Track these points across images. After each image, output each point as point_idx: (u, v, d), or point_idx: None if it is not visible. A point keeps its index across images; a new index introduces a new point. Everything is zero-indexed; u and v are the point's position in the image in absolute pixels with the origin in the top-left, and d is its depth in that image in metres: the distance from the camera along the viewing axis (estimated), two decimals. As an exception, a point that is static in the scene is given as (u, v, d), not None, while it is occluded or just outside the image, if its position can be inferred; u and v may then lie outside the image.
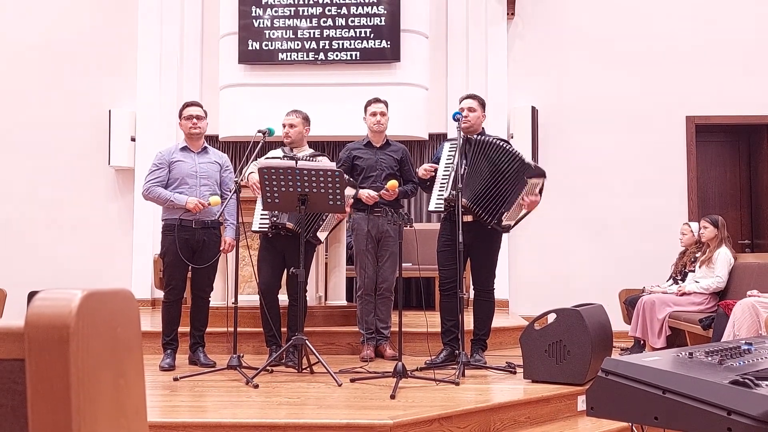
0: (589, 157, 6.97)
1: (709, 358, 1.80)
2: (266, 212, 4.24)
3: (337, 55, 6.72)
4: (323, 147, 6.71)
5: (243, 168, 4.32)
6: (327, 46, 6.73)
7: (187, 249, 4.17)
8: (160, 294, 4.57)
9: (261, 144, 4.21)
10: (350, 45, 6.72)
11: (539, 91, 7.05)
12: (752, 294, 4.47)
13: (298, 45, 6.75)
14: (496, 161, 4.11)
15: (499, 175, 4.09)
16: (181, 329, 4.30)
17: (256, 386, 3.57)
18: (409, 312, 6.11)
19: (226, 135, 6.81)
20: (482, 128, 4.40)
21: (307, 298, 4.39)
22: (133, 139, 7.03)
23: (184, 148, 4.32)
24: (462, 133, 4.15)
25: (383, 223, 4.43)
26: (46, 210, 7.15)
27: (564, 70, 7.06)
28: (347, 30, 6.72)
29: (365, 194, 4.39)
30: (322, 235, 4.41)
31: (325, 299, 5.09)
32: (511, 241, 6.69)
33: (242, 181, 4.17)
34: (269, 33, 6.77)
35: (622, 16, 7.05)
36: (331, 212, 4.20)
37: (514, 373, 4.00)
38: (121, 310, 0.83)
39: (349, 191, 4.20)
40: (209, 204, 4.13)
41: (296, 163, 3.86)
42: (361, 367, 4.07)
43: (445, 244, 4.26)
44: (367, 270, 4.49)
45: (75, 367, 0.73)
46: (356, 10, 6.71)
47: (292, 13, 6.76)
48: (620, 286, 6.14)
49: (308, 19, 6.75)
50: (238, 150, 7.11)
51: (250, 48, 6.77)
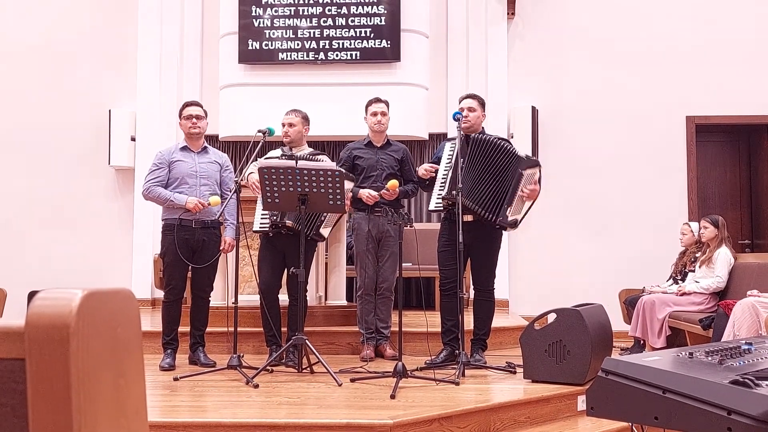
0: (589, 156, 6.97)
1: (709, 358, 1.80)
2: (266, 212, 4.24)
3: (337, 55, 6.72)
4: (323, 147, 6.71)
5: (243, 168, 4.32)
6: (327, 46, 6.73)
7: (186, 249, 4.17)
8: (160, 294, 4.57)
9: (261, 144, 4.21)
10: (350, 45, 6.71)
11: (539, 91, 7.05)
12: (752, 294, 4.46)
13: (298, 45, 6.75)
14: (493, 159, 4.12)
15: (497, 172, 4.10)
16: (181, 329, 4.30)
17: (256, 386, 3.58)
18: (409, 312, 6.11)
19: (226, 135, 6.81)
20: (482, 128, 4.41)
21: (307, 298, 4.39)
22: (133, 139, 7.03)
23: (184, 148, 4.32)
24: (462, 132, 4.15)
25: (384, 223, 4.42)
26: (46, 210, 7.15)
27: (564, 70, 7.06)
28: (347, 30, 6.72)
29: (366, 194, 4.39)
30: (325, 231, 4.40)
31: (325, 299, 5.09)
32: (511, 241, 6.69)
33: (242, 181, 4.17)
34: (269, 33, 6.77)
35: (622, 16, 7.05)
36: (331, 212, 4.21)
37: (514, 373, 4.00)
38: (121, 310, 0.83)
39: (348, 185, 4.20)
40: (209, 204, 4.13)
41: (296, 162, 3.86)
42: (361, 367, 4.07)
43: (445, 244, 4.26)
44: (368, 270, 4.49)
45: (75, 366, 0.73)
46: (356, 10, 6.71)
47: (292, 13, 6.75)
48: (620, 286, 6.14)
49: (308, 19, 6.74)
50: (238, 150, 7.11)
51: (250, 48, 6.77)
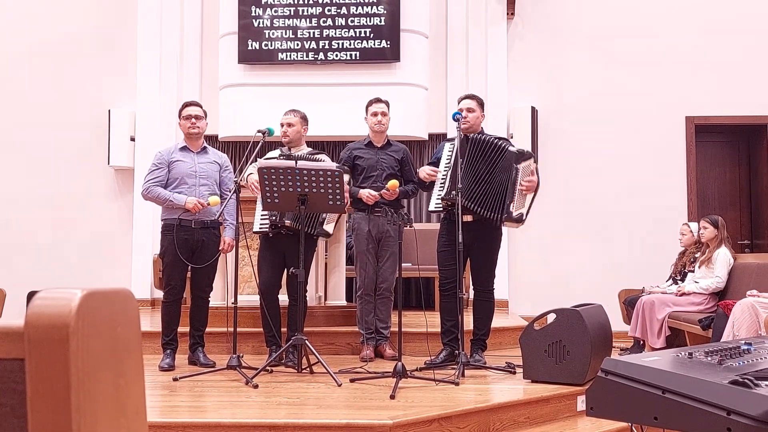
0: (588, 157, 6.97)
1: (709, 358, 1.80)
2: (266, 213, 4.24)
3: (337, 55, 6.72)
4: (323, 147, 6.70)
5: (242, 168, 4.32)
6: (327, 46, 6.73)
7: (186, 249, 4.17)
8: (160, 294, 4.56)
9: (261, 144, 4.21)
10: (350, 45, 6.71)
11: (539, 91, 7.05)
12: (752, 294, 4.46)
13: (298, 45, 6.75)
14: (490, 158, 4.14)
15: (494, 171, 4.11)
16: (180, 329, 4.30)
17: (256, 386, 3.57)
18: (409, 312, 6.11)
19: (226, 135, 6.81)
20: (481, 128, 4.40)
21: (307, 298, 4.39)
22: (132, 139, 7.03)
23: (183, 148, 4.32)
24: (461, 133, 4.15)
25: (384, 223, 4.42)
26: (46, 210, 7.14)
27: (564, 70, 7.06)
28: (347, 30, 6.72)
29: (366, 194, 4.39)
30: (329, 227, 4.37)
31: (325, 299, 5.08)
32: (511, 241, 6.69)
33: (241, 181, 4.17)
34: (269, 33, 6.77)
35: (622, 16, 7.05)
36: (331, 212, 4.20)
37: (514, 373, 4.00)
38: (121, 310, 0.83)
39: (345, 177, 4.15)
40: (208, 204, 4.13)
41: (296, 163, 3.86)
42: (360, 367, 4.07)
43: (445, 244, 4.26)
44: (368, 270, 4.49)
45: (75, 366, 0.72)
46: (356, 10, 6.71)
47: (292, 13, 6.76)
48: (620, 286, 6.13)
49: (308, 19, 6.74)
50: (238, 150, 7.10)
51: (249, 48, 6.77)
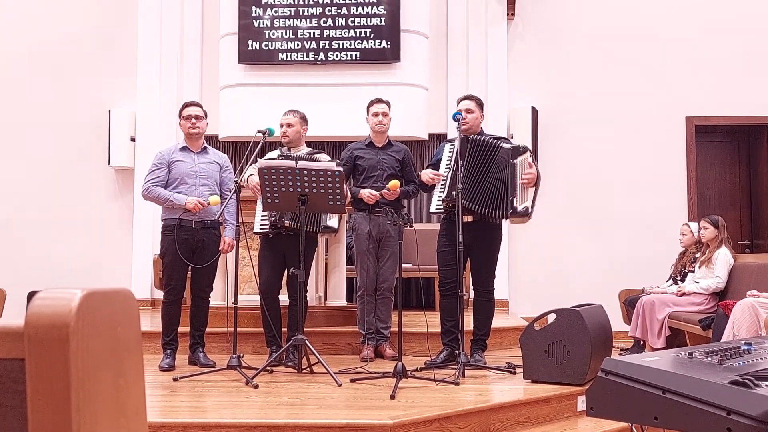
0: (588, 157, 6.97)
1: (709, 359, 1.80)
2: (266, 213, 4.24)
3: (337, 55, 6.72)
4: (323, 147, 6.70)
5: (243, 168, 4.32)
6: (327, 46, 6.73)
7: (186, 249, 4.17)
8: (160, 294, 4.57)
9: (261, 144, 4.21)
10: (350, 45, 6.71)
11: (539, 91, 7.05)
12: (752, 294, 4.46)
13: (298, 45, 6.75)
14: (488, 158, 4.15)
15: (494, 170, 4.12)
16: (180, 329, 4.30)
17: (256, 386, 3.57)
18: (409, 312, 6.11)
19: (226, 135, 6.81)
20: (481, 128, 4.40)
21: (307, 298, 4.39)
22: (133, 139, 7.03)
23: (183, 148, 4.32)
24: (461, 134, 4.15)
25: (384, 223, 4.42)
26: (46, 210, 7.14)
27: (564, 70, 7.06)
28: (347, 30, 6.72)
29: (366, 194, 4.39)
30: (333, 221, 4.34)
31: (325, 299, 5.08)
32: (510, 242, 6.69)
33: (242, 182, 4.17)
34: (269, 33, 6.77)
35: (622, 16, 7.05)
36: (331, 212, 4.20)
37: (514, 373, 4.00)
38: (121, 310, 0.83)
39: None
40: (209, 204, 4.13)
41: (296, 163, 3.86)
42: (361, 367, 4.07)
43: (445, 244, 4.26)
44: (368, 270, 4.49)
45: (75, 366, 0.72)
46: (356, 10, 6.71)
47: (292, 13, 6.75)
48: (620, 287, 6.14)
49: (308, 19, 6.74)
50: (238, 150, 7.11)
51: (250, 48, 6.77)
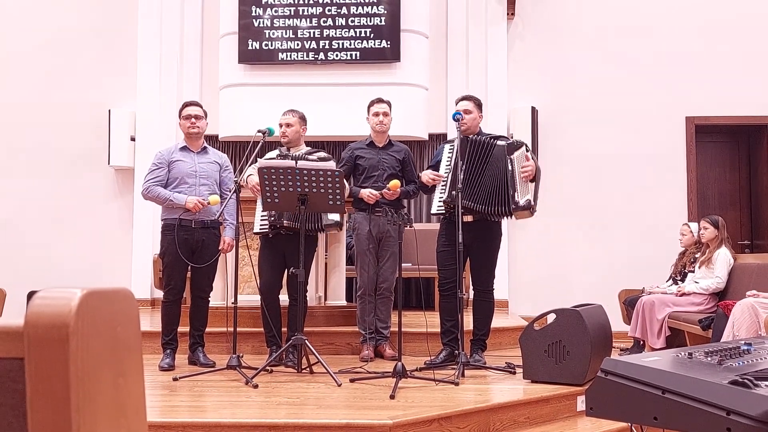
0: (588, 157, 6.97)
1: (709, 359, 1.80)
2: (266, 213, 4.23)
3: (337, 55, 6.72)
4: (323, 147, 6.70)
5: (242, 168, 4.32)
6: (327, 46, 6.73)
7: (186, 249, 4.17)
8: (160, 294, 4.57)
9: (261, 144, 4.21)
10: (350, 45, 6.71)
11: (539, 91, 7.05)
12: (751, 294, 4.46)
13: (298, 45, 6.75)
14: (485, 157, 4.16)
15: (491, 168, 4.13)
16: (180, 329, 4.30)
17: (256, 386, 3.57)
18: (409, 312, 6.11)
19: (226, 135, 6.81)
20: (479, 128, 4.40)
21: (307, 298, 4.39)
22: (132, 139, 7.03)
23: (183, 148, 4.32)
24: (461, 135, 4.16)
25: (384, 223, 4.42)
26: (46, 210, 7.14)
27: (564, 70, 7.05)
28: (347, 30, 6.72)
29: (366, 193, 4.39)
30: (335, 216, 4.28)
31: (325, 299, 5.08)
32: (510, 242, 6.69)
33: (241, 182, 4.17)
34: (269, 33, 6.76)
35: (622, 16, 7.05)
36: (330, 212, 4.20)
37: (514, 373, 4.00)
38: (121, 310, 0.83)
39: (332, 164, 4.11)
40: (209, 203, 4.13)
41: (296, 163, 3.86)
42: (360, 367, 4.07)
43: (444, 244, 4.26)
44: (368, 270, 4.49)
45: (74, 366, 0.72)
46: (356, 10, 6.71)
47: (292, 13, 6.75)
48: (620, 287, 6.13)
49: (308, 19, 6.74)
50: (238, 150, 7.11)
51: (250, 48, 6.76)
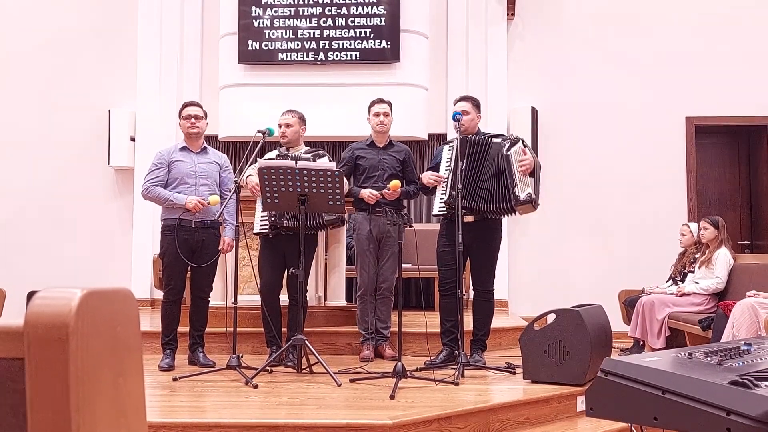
0: (588, 157, 6.97)
1: (709, 359, 1.80)
2: (266, 214, 4.24)
3: (337, 55, 6.72)
4: (323, 147, 6.69)
5: (242, 168, 4.32)
6: (327, 46, 6.73)
7: (186, 249, 4.17)
8: (160, 294, 4.57)
9: (261, 144, 4.21)
10: (350, 45, 6.71)
11: (539, 91, 7.05)
12: (751, 294, 4.46)
13: (298, 45, 6.74)
14: (482, 156, 4.16)
15: (490, 166, 4.13)
16: (180, 329, 4.30)
17: (256, 386, 3.57)
18: (409, 312, 6.11)
19: (226, 135, 6.81)
20: (478, 129, 4.40)
21: (307, 298, 4.39)
22: (132, 139, 7.03)
23: (183, 148, 4.32)
24: (460, 135, 4.16)
25: (384, 223, 4.42)
26: (46, 210, 7.14)
27: (564, 70, 7.06)
28: (347, 30, 6.72)
29: (367, 194, 4.39)
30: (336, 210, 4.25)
31: (325, 299, 5.08)
32: (510, 242, 6.69)
33: (241, 182, 4.17)
34: (269, 33, 6.76)
35: (622, 16, 7.05)
36: (330, 212, 4.20)
37: (514, 373, 4.00)
38: (120, 310, 0.83)
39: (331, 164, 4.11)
40: (209, 203, 4.13)
41: (296, 163, 3.86)
42: (360, 367, 4.07)
43: (445, 244, 4.26)
44: (369, 270, 4.49)
45: (74, 366, 0.72)
46: (356, 10, 6.71)
47: (292, 13, 6.75)
48: (620, 287, 6.13)
49: (308, 19, 6.74)
50: (238, 150, 7.10)
51: (249, 48, 6.76)
